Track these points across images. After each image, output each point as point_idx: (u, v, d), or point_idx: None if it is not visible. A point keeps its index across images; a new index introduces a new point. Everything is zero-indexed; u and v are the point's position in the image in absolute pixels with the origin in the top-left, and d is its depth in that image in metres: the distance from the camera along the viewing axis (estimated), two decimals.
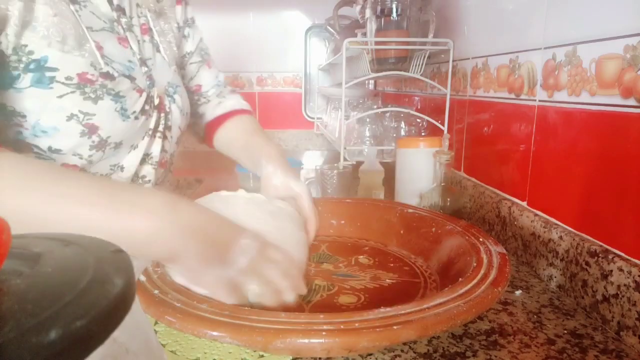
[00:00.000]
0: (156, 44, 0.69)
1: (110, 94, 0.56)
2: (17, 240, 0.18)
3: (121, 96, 0.57)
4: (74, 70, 0.53)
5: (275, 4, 1.92)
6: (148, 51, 0.66)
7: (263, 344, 0.36)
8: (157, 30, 0.69)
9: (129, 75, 0.60)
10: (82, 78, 0.53)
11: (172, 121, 0.69)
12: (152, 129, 0.65)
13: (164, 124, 0.67)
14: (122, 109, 0.58)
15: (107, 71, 0.56)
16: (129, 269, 0.18)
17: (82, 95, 0.54)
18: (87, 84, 0.54)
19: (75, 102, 0.53)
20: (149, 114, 0.63)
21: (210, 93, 0.85)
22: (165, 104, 0.67)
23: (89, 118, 0.55)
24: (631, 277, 0.47)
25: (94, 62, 0.55)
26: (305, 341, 0.35)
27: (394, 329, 0.36)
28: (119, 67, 0.59)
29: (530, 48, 0.69)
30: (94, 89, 0.54)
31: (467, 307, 0.40)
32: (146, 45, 0.66)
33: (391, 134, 1.17)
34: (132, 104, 0.59)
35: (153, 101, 0.64)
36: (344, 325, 0.37)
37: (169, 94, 0.69)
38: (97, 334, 0.15)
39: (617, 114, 0.51)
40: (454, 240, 0.59)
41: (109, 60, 0.57)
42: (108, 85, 0.56)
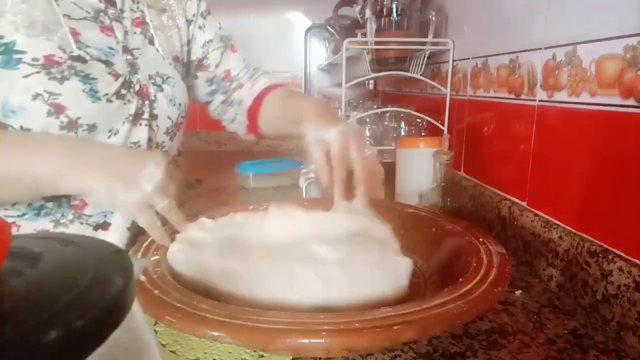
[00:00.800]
0: (150, 36, 0.70)
1: (78, 75, 0.58)
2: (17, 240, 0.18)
3: (91, 78, 0.59)
4: (40, 52, 0.55)
5: (275, 4, 1.92)
6: (137, 42, 0.67)
7: (263, 344, 0.36)
8: (154, 25, 0.71)
9: (106, 60, 0.61)
10: (48, 60, 0.56)
11: (158, 109, 0.69)
12: (132, 115, 0.64)
13: (149, 112, 0.67)
14: (91, 90, 0.59)
15: (78, 55, 0.58)
16: (129, 269, 0.18)
17: (47, 75, 0.55)
18: (52, 65, 0.56)
19: (40, 81, 0.55)
20: (127, 99, 0.63)
21: (241, 76, 0.85)
22: (150, 92, 0.67)
23: (54, 97, 0.56)
24: (631, 277, 0.47)
25: (62, 46, 0.57)
26: (305, 341, 0.35)
27: (394, 329, 0.36)
28: (95, 52, 0.60)
29: (530, 48, 0.69)
30: (60, 70, 0.56)
31: (467, 307, 0.40)
32: (136, 36, 0.67)
33: (391, 134, 1.17)
34: (104, 86, 0.60)
35: (133, 87, 0.64)
36: (344, 326, 0.37)
37: (156, 83, 0.69)
38: (97, 334, 0.15)
39: (617, 114, 0.51)
40: (454, 241, 0.59)
41: (83, 45, 0.59)
42: (77, 67, 0.58)
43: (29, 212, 0.60)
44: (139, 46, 0.67)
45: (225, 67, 0.83)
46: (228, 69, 0.84)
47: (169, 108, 0.71)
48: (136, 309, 0.19)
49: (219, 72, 0.83)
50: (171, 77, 0.72)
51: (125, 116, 0.64)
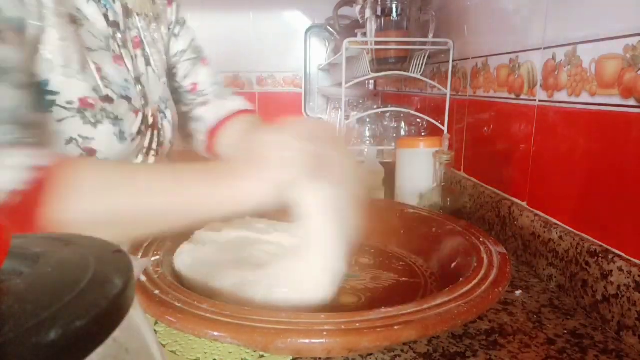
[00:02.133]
0: (147, 56, 0.67)
1: (109, 117, 0.56)
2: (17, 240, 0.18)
3: (119, 119, 0.57)
4: (75, 94, 0.52)
5: (275, 4, 1.92)
6: (141, 67, 0.65)
7: (264, 344, 0.36)
8: (147, 42, 0.67)
9: (126, 96, 0.59)
10: (84, 102, 0.53)
11: (164, 137, 0.68)
12: (146, 148, 0.64)
13: (157, 141, 0.66)
14: (120, 132, 0.57)
15: (106, 94, 0.55)
16: (129, 269, 0.18)
17: (82, 120, 0.53)
18: (87, 108, 0.53)
19: (74, 126, 0.52)
20: (144, 134, 0.63)
21: (208, 92, 0.81)
22: (158, 122, 0.66)
23: (87, 142, 0.54)
24: (631, 277, 0.47)
25: (95, 86, 0.54)
26: (306, 341, 0.35)
27: (394, 329, 0.36)
28: (117, 88, 0.58)
29: (530, 48, 0.69)
30: (94, 114, 0.54)
31: (468, 307, 0.40)
32: (139, 60, 0.65)
33: (391, 134, 1.17)
34: (129, 126, 0.59)
35: (147, 120, 0.63)
36: (344, 326, 0.37)
37: (161, 109, 0.68)
38: (97, 334, 0.15)
39: (617, 114, 0.51)
40: (454, 240, 0.59)
41: (107, 83, 0.56)
42: (107, 109, 0.55)
43: None
44: (143, 71, 0.65)
45: (193, 79, 0.79)
46: (195, 82, 0.80)
47: (171, 133, 0.70)
48: (136, 309, 0.19)
49: (186, 83, 0.79)
50: (169, 100, 0.70)
51: (140, 150, 0.63)
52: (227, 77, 1.95)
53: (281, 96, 2.00)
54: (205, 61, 0.81)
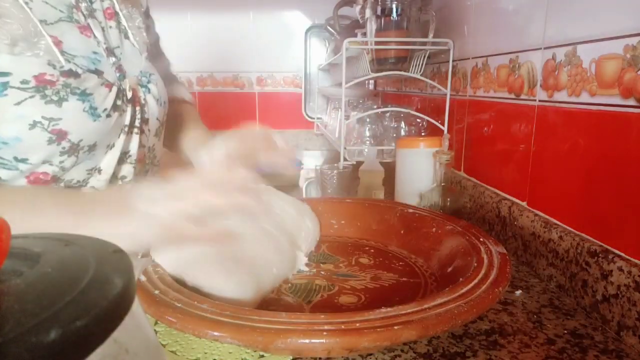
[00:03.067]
0: (124, 29, 0.62)
1: (75, 93, 0.51)
2: (17, 240, 0.18)
3: (88, 94, 0.52)
4: (29, 72, 0.47)
5: (275, 4, 1.92)
6: (115, 39, 0.60)
7: (264, 344, 0.36)
8: (124, 14, 0.62)
9: (96, 69, 0.54)
10: (40, 80, 0.48)
11: (149, 113, 0.64)
12: (127, 125, 0.59)
13: (140, 118, 0.62)
14: (90, 107, 0.52)
15: (69, 69, 0.50)
16: (129, 269, 0.18)
17: (43, 99, 0.48)
18: (46, 85, 0.48)
19: (36, 107, 0.48)
20: (122, 109, 0.58)
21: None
22: (140, 96, 0.62)
23: (55, 124, 0.49)
24: (631, 277, 0.47)
25: (51, 61, 0.49)
26: (306, 341, 0.35)
27: (394, 329, 0.36)
28: (83, 61, 0.53)
29: (530, 48, 0.69)
30: (56, 90, 0.49)
31: (468, 307, 0.40)
32: (112, 31, 0.60)
33: (391, 134, 1.17)
34: (101, 101, 0.54)
35: (125, 94, 0.59)
36: (344, 326, 0.37)
37: (142, 83, 0.63)
38: (97, 334, 0.15)
39: (617, 114, 0.51)
40: (454, 241, 0.59)
41: (70, 56, 0.51)
42: (72, 84, 0.50)
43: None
44: (118, 44, 0.60)
45: None
46: None
47: (157, 109, 0.66)
48: (136, 309, 0.19)
49: None
50: (153, 74, 0.66)
51: (121, 128, 0.59)
52: (227, 77, 1.95)
53: (281, 96, 2.00)
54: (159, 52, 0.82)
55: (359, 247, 0.71)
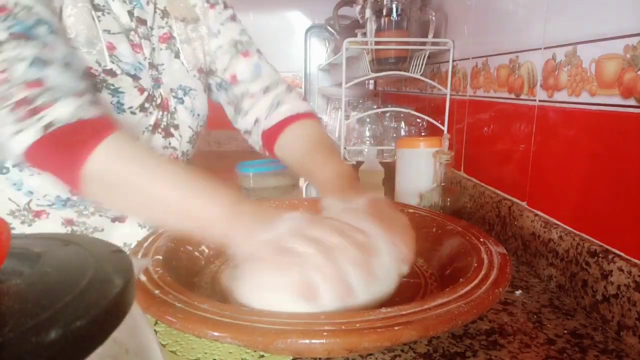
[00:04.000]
0: (176, 50, 0.72)
1: (109, 88, 0.61)
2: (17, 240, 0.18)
3: (120, 92, 0.62)
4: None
5: (275, 4, 1.92)
6: (163, 57, 0.70)
7: (264, 344, 0.36)
8: (181, 39, 0.73)
9: (134, 74, 0.65)
10: (86, 72, 0.58)
11: (179, 119, 0.73)
12: (152, 125, 0.68)
13: (167, 122, 0.71)
14: (118, 102, 0.62)
15: (110, 68, 0.61)
16: (129, 269, 0.18)
17: None
18: (88, 77, 0.58)
19: None
20: (149, 112, 0.67)
21: (249, 83, 0.79)
22: (170, 104, 0.71)
23: None
24: (631, 277, 0.47)
25: (99, 60, 0.60)
26: (306, 342, 0.35)
27: (395, 329, 0.36)
28: (125, 66, 0.63)
29: (530, 48, 0.69)
30: (94, 82, 0.59)
31: (468, 308, 0.40)
32: (162, 52, 0.70)
33: (391, 134, 1.17)
34: (130, 100, 0.64)
35: (155, 100, 0.68)
36: (345, 326, 0.37)
37: (178, 95, 0.72)
38: (97, 334, 0.15)
39: (617, 114, 0.51)
40: (454, 241, 0.59)
41: (116, 60, 0.62)
42: (108, 81, 0.61)
43: (57, 203, 0.64)
44: (164, 62, 0.70)
45: (231, 71, 0.79)
46: (234, 74, 0.79)
47: (189, 118, 0.74)
48: (136, 309, 0.19)
49: (226, 76, 0.80)
50: (193, 90, 0.74)
51: (146, 126, 0.68)
52: None
53: None
54: (247, 54, 0.80)
55: None
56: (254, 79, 0.80)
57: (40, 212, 0.64)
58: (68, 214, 0.66)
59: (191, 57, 0.74)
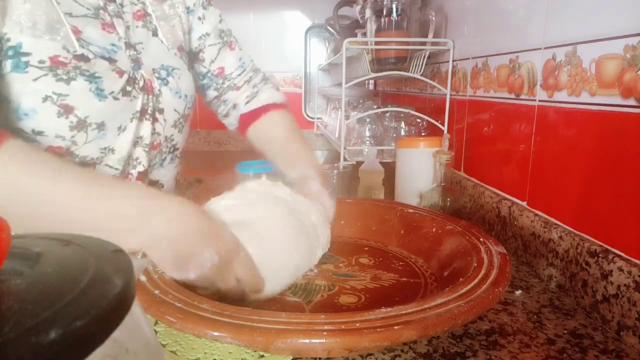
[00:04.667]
0: (153, 28, 0.69)
1: (84, 74, 0.58)
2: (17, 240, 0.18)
3: (97, 77, 0.59)
4: (45, 53, 0.55)
5: (275, 4, 1.92)
6: (140, 36, 0.67)
7: (264, 344, 0.36)
8: (156, 16, 0.70)
9: (109, 57, 0.61)
10: (54, 61, 0.56)
11: (164, 103, 0.69)
12: (139, 111, 0.65)
13: (153, 106, 0.68)
14: (97, 89, 0.59)
15: (81, 53, 0.58)
16: (129, 269, 0.18)
17: (54, 77, 0.56)
18: (58, 66, 0.56)
19: (48, 84, 0.56)
20: (133, 96, 0.64)
21: (236, 77, 0.84)
22: (154, 86, 0.68)
23: (62, 98, 0.57)
24: (631, 277, 0.47)
25: (66, 45, 0.57)
26: (306, 341, 0.35)
27: (394, 329, 0.36)
28: (98, 49, 0.60)
29: (530, 48, 0.69)
30: (66, 71, 0.57)
31: (468, 307, 0.40)
32: (138, 30, 0.67)
33: (391, 134, 1.17)
34: (110, 84, 0.60)
35: (137, 83, 0.65)
36: (345, 326, 0.37)
37: (161, 76, 0.69)
38: (97, 334, 0.15)
39: (617, 114, 0.51)
40: (454, 241, 0.59)
41: (85, 44, 0.59)
42: (82, 67, 0.58)
43: None
44: (142, 40, 0.67)
45: (220, 64, 0.82)
46: (222, 67, 0.82)
47: (175, 101, 0.71)
48: (136, 309, 0.19)
49: (213, 68, 0.82)
50: (177, 69, 0.72)
51: (132, 112, 0.64)
52: None
53: None
54: (232, 45, 0.84)
55: (359, 247, 0.71)
56: (240, 73, 0.84)
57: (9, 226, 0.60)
58: None
59: (170, 35, 0.72)
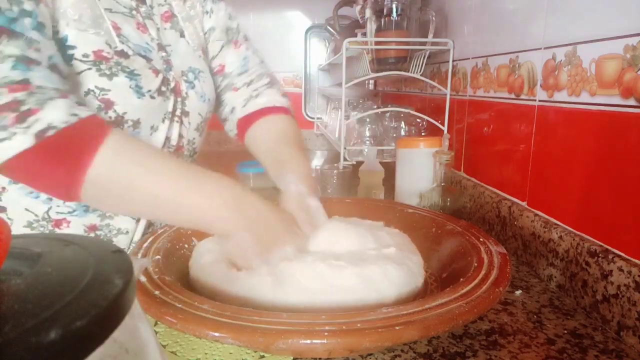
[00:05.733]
0: (180, 29, 0.70)
1: (125, 71, 0.58)
2: (17, 240, 0.18)
3: (136, 74, 0.59)
4: (90, 47, 0.55)
5: (275, 4, 1.92)
6: (169, 37, 0.68)
7: (265, 344, 0.36)
8: (182, 17, 0.70)
9: (145, 55, 0.62)
10: (98, 55, 0.56)
11: (189, 106, 0.69)
12: (170, 112, 0.65)
13: (181, 109, 0.68)
14: (137, 86, 0.59)
15: (121, 49, 0.58)
16: (129, 269, 0.18)
17: (97, 72, 0.56)
18: (102, 60, 0.56)
19: (91, 78, 0.56)
20: (166, 96, 0.64)
21: (235, 76, 0.79)
22: (182, 89, 0.68)
23: (104, 93, 0.57)
24: (631, 277, 0.47)
25: (108, 40, 0.57)
26: (307, 342, 0.35)
27: (396, 329, 0.36)
28: (135, 47, 0.60)
29: (530, 48, 0.69)
30: (109, 66, 0.57)
31: (469, 307, 0.40)
32: (167, 32, 0.68)
33: (391, 134, 1.17)
34: (147, 82, 0.61)
35: (169, 84, 0.65)
36: (346, 326, 0.36)
37: (188, 79, 0.69)
38: (97, 334, 0.15)
39: (617, 114, 0.51)
40: (454, 241, 0.59)
41: (124, 39, 0.59)
42: (123, 63, 0.58)
43: (79, 209, 0.61)
44: (171, 42, 0.68)
45: (220, 61, 0.78)
46: (223, 64, 0.78)
47: (200, 104, 0.71)
48: (136, 309, 0.19)
49: (214, 64, 0.78)
50: (202, 72, 0.71)
51: (164, 113, 0.65)
52: None
53: None
54: (237, 43, 0.79)
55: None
56: (241, 73, 0.79)
57: (61, 221, 0.60)
58: (91, 219, 0.61)
59: (194, 36, 0.72)
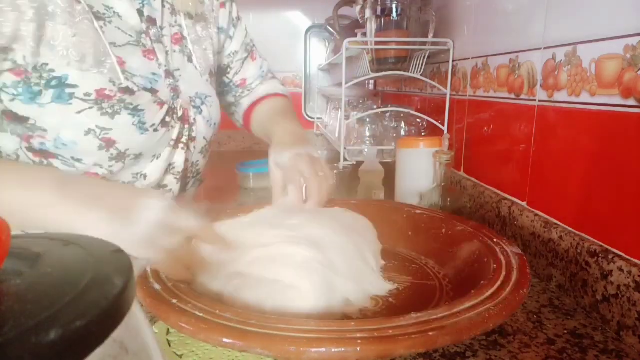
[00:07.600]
0: (189, 53, 0.68)
1: (128, 108, 0.57)
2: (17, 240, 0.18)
3: (140, 110, 0.58)
4: (92, 86, 0.54)
5: (275, 4, 1.92)
6: (177, 61, 0.66)
7: (296, 354, 0.34)
8: (191, 39, 0.69)
9: (151, 88, 0.61)
10: (100, 94, 0.55)
11: (197, 132, 0.69)
12: (174, 140, 0.65)
13: (188, 135, 0.67)
14: (140, 122, 0.58)
15: (126, 86, 0.57)
16: (129, 269, 0.18)
17: (99, 111, 0.55)
18: (104, 99, 0.55)
19: (92, 117, 0.55)
20: (171, 126, 0.64)
21: (255, 86, 0.87)
22: (190, 116, 0.67)
23: (105, 133, 0.56)
24: (631, 277, 0.47)
25: (112, 78, 0.56)
26: (340, 350, 0.34)
27: (429, 334, 0.35)
28: (141, 80, 0.59)
29: (530, 48, 0.69)
30: (112, 104, 0.56)
31: (497, 310, 0.38)
32: (176, 55, 0.66)
33: (391, 134, 1.17)
34: (151, 117, 0.60)
35: (176, 113, 0.65)
36: (377, 333, 0.35)
37: (196, 105, 0.69)
38: (97, 334, 0.15)
39: (617, 114, 0.51)
40: (467, 242, 0.58)
41: (129, 75, 0.58)
42: (126, 100, 0.57)
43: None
44: (179, 66, 0.66)
45: (242, 75, 0.85)
46: (245, 78, 0.85)
47: (206, 129, 0.71)
48: (136, 309, 0.19)
49: (236, 79, 0.85)
50: (209, 96, 0.72)
51: (168, 141, 0.64)
52: None
53: None
54: (254, 55, 0.86)
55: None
56: (257, 79, 0.87)
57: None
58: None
59: (202, 60, 0.71)
